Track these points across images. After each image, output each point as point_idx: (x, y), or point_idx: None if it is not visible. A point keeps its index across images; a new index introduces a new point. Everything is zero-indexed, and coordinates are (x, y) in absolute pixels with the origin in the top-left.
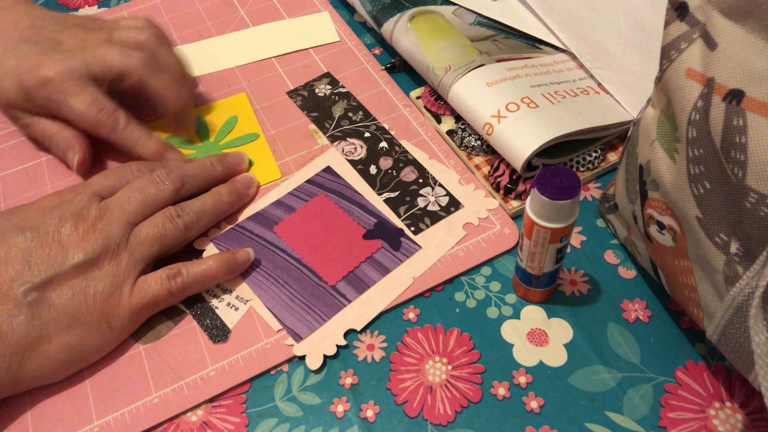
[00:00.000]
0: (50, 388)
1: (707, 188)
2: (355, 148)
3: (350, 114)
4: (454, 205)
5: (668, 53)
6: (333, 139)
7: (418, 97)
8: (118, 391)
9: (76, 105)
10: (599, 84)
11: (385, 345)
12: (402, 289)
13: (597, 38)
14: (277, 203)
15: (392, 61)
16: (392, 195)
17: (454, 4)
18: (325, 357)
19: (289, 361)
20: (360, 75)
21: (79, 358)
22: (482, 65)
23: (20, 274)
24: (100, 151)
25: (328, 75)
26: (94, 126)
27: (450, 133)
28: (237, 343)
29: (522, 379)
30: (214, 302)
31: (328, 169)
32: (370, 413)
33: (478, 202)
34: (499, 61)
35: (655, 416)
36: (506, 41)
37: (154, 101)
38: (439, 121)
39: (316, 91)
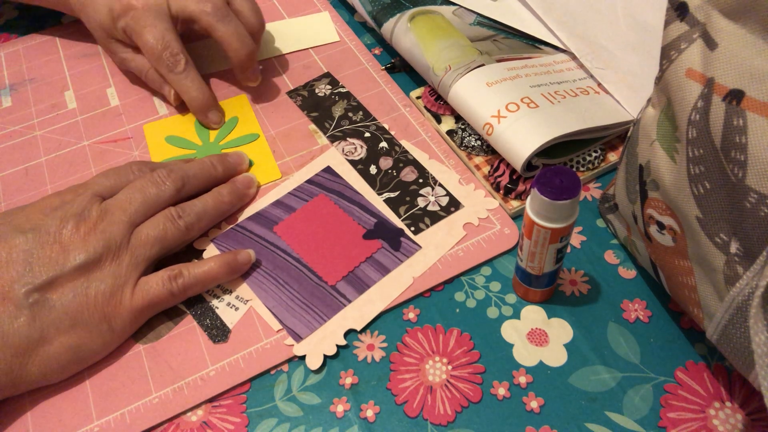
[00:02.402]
0: (50, 389)
1: (707, 188)
2: (355, 148)
3: (350, 114)
4: (454, 205)
5: (668, 53)
6: (333, 139)
7: (418, 97)
8: (118, 391)
9: (146, 36)
10: (599, 84)
11: (385, 345)
12: (402, 289)
13: (597, 38)
14: (277, 203)
15: (392, 61)
16: (392, 195)
17: (454, 4)
18: (325, 357)
19: (289, 361)
20: (360, 75)
21: (80, 359)
22: (482, 65)
23: (21, 275)
24: (106, 152)
25: (328, 75)
26: (155, 61)
27: (450, 133)
28: (237, 343)
29: (522, 379)
30: (214, 302)
31: (328, 169)
32: (370, 413)
33: (478, 202)
34: (499, 61)
35: (655, 416)
36: (506, 41)
37: (224, 50)
38: (439, 121)
39: (316, 91)
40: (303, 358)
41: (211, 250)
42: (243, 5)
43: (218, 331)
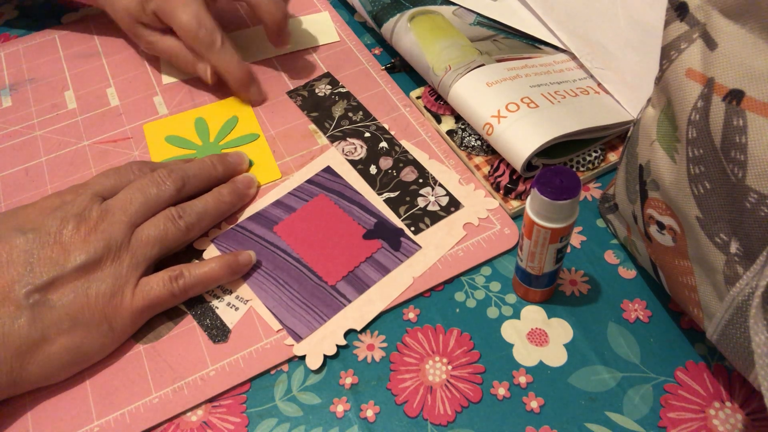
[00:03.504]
0: (50, 389)
1: (707, 188)
2: (355, 148)
3: (350, 114)
4: (454, 205)
5: (668, 53)
6: (333, 139)
7: (418, 97)
8: (118, 391)
9: (182, 17)
10: (599, 84)
11: (385, 345)
12: (402, 289)
13: (597, 38)
14: (277, 203)
15: (392, 61)
16: (392, 195)
17: (454, 4)
18: (325, 357)
19: (289, 361)
20: (360, 75)
21: (80, 360)
22: (482, 65)
23: (22, 275)
24: (106, 152)
25: (328, 75)
26: (192, 40)
27: (450, 133)
28: (237, 343)
29: (522, 379)
30: (214, 302)
31: (328, 169)
32: (370, 413)
33: (478, 202)
34: (499, 61)
35: (655, 416)
36: (506, 41)
37: (257, 14)
38: (439, 121)
39: (316, 91)
40: (303, 358)
41: (211, 251)
42: None
43: (218, 331)
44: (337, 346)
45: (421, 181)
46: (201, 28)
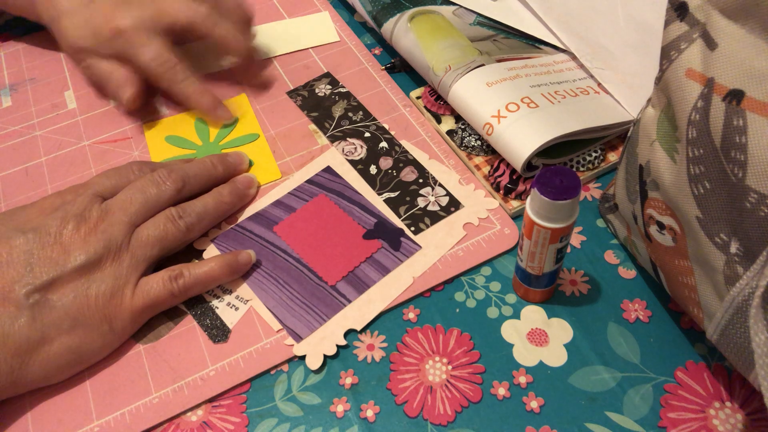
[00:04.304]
0: (50, 389)
1: (707, 188)
2: (355, 148)
3: (350, 114)
4: (454, 205)
5: (668, 53)
6: (333, 139)
7: (418, 97)
8: (118, 391)
9: (143, 56)
10: (599, 84)
11: (385, 345)
12: (402, 289)
13: (597, 38)
14: (277, 203)
15: (392, 61)
16: (392, 195)
17: (454, 4)
18: (325, 357)
19: (289, 361)
20: (360, 75)
21: (80, 360)
22: (482, 65)
23: (22, 275)
24: (106, 152)
25: (328, 75)
26: (155, 77)
27: (450, 133)
28: (237, 343)
29: (522, 379)
30: (214, 302)
31: (328, 169)
32: (370, 413)
33: (478, 202)
34: (499, 61)
35: (655, 416)
36: (506, 41)
37: (221, 48)
38: (439, 121)
39: (316, 91)
40: (303, 358)
41: (211, 251)
42: (231, 5)
43: (218, 331)
44: (337, 346)
45: (421, 181)
46: (162, 65)
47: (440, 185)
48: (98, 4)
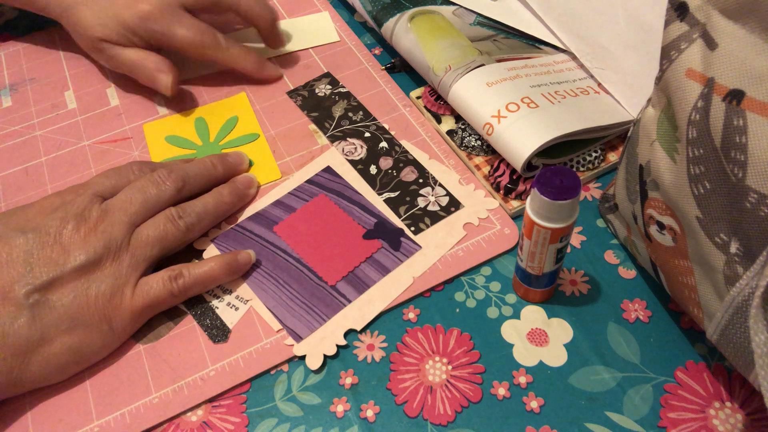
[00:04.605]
0: (50, 389)
1: (707, 188)
2: (355, 148)
3: (350, 114)
4: (454, 205)
5: (668, 53)
6: (333, 139)
7: (418, 97)
8: (118, 391)
9: (181, 31)
10: (599, 84)
11: (385, 345)
12: (402, 289)
13: (597, 38)
14: (277, 203)
15: (392, 61)
16: (392, 195)
17: (454, 4)
18: (325, 357)
19: (289, 361)
20: (360, 75)
21: (80, 360)
22: (482, 65)
23: (22, 275)
24: (106, 152)
25: (328, 75)
26: (200, 47)
27: (450, 133)
28: (237, 343)
29: (522, 379)
30: (214, 302)
31: (328, 169)
32: (370, 413)
33: (478, 202)
34: (499, 61)
35: (655, 416)
36: (506, 41)
37: (248, 20)
38: (439, 121)
39: (316, 91)
40: (303, 358)
41: (211, 251)
42: None
43: (218, 331)
44: (337, 346)
45: (421, 181)
46: (205, 35)
47: (440, 185)
48: None
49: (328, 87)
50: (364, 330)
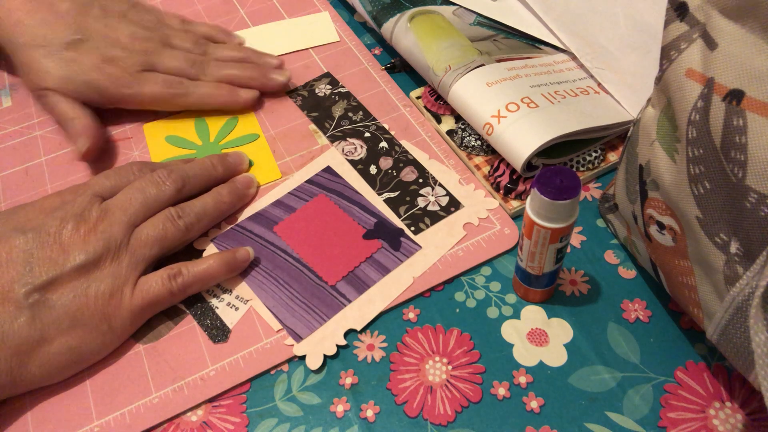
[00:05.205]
0: (50, 389)
1: (707, 188)
2: (355, 148)
3: (350, 114)
4: (454, 205)
5: (668, 53)
6: (333, 139)
7: (418, 97)
8: (118, 391)
9: (149, 91)
10: (599, 84)
11: (385, 345)
12: (402, 289)
13: (597, 38)
14: (277, 203)
15: (392, 61)
16: (392, 195)
17: (454, 4)
18: (325, 357)
19: (289, 361)
20: (360, 75)
21: (80, 360)
22: (482, 65)
23: (21, 275)
24: (104, 153)
25: (328, 75)
26: (169, 99)
27: (450, 133)
28: (237, 343)
29: (522, 379)
30: (214, 302)
31: (328, 169)
32: (370, 413)
33: (478, 202)
34: (499, 61)
35: (655, 416)
36: (506, 41)
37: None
38: (439, 121)
39: (316, 91)
40: (303, 358)
41: (210, 250)
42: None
43: (218, 331)
44: (337, 346)
45: (421, 181)
46: (171, 87)
47: (440, 185)
48: (84, 52)
49: (328, 87)
50: (364, 330)
